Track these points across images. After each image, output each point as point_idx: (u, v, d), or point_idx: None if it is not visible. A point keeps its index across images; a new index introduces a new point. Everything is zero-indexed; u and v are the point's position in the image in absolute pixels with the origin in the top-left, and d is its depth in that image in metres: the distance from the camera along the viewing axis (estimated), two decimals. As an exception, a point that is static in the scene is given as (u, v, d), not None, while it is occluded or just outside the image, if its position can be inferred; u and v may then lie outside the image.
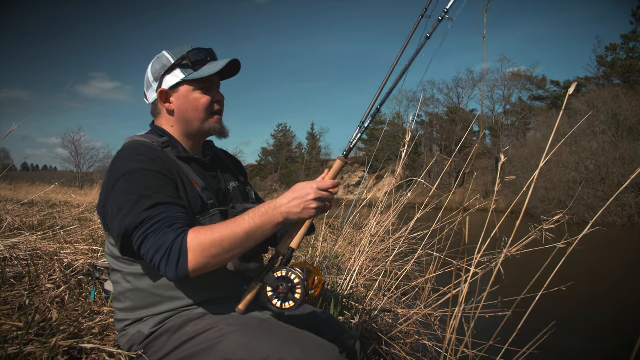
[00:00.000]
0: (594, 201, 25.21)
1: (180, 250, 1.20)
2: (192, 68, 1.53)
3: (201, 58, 1.54)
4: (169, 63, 1.53)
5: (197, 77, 1.52)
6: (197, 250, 1.20)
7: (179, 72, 1.53)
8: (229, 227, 1.26)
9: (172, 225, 1.24)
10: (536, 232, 1.91)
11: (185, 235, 1.22)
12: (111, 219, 1.32)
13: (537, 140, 35.08)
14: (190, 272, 1.21)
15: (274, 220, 1.30)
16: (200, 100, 1.55)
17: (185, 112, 1.55)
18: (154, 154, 1.43)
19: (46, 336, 1.60)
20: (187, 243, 1.20)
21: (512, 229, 1.98)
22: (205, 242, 1.21)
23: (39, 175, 27.93)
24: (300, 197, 1.31)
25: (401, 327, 2.71)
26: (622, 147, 26.93)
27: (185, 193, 1.42)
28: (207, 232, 1.24)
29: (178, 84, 1.53)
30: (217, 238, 1.23)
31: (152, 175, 1.35)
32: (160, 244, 1.21)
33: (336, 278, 3.32)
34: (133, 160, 1.38)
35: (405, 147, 3.52)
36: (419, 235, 3.66)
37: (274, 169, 69.77)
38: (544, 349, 1.97)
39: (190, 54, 1.53)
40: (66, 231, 3.73)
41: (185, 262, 1.19)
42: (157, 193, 1.30)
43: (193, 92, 1.54)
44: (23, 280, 2.28)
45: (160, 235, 1.22)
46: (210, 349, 1.31)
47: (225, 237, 1.23)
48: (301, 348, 1.28)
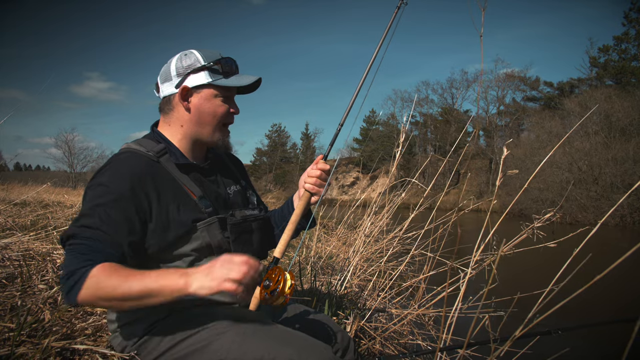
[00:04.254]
0: (586, 201, 25.42)
1: (76, 282, 1.18)
2: (223, 74, 1.54)
3: (232, 69, 1.57)
4: (198, 63, 1.51)
5: (226, 84, 1.53)
6: (90, 289, 1.17)
7: (207, 74, 1.52)
8: (128, 280, 1.19)
9: (85, 254, 1.22)
10: (527, 230, 1.92)
11: (88, 271, 1.19)
12: None
13: (531, 141, 35.28)
14: (78, 303, 1.20)
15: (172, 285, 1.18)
16: (220, 108, 1.55)
17: (201, 114, 1.54)
18: (139, 169, 1.40)
19: (38, 337, 1.60)
20: (86, 278, 1.18)
21: (505, 229, 1.99)
22: (100, 285, 1.17)
23: (32, 175, 27.74)
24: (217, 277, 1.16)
25: (395, 327, 2.72)
26: (614, 147, 27.16)
27: (166, 215, 1.39)
28: (107, 277, 1.18)
29: (203, 85, 1.52)
30: (111, 287, 1.17)
31: (114, 196, 1.32)
32: (67, 264, 1.21)
33: (330, 278, 3.33)
34: (107, 174, 1.37)
35: (399, 147, 3.52)
36: (413, 235, 3.66)
37: (268, 169, 69.73)
38: (539, 349, 1.99)
39: (223, 61, 1.54)
40: (59, 231, 3.70)
41: (75, 295, 1.18)
42: (101, 216, 1.28)
43: (215, 97, 1.54)
44: (15, 281, 2.26)
45: (71, 257, 1.22)
46: (204, 348, 1.31)
47: (118, 288, 1.17)
48: (295, 348, 1.29)
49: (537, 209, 2.00)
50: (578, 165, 27.50)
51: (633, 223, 23.28)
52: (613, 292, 5.49)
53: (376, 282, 3.34)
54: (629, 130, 28.61)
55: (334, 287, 3.12)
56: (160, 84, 1.56)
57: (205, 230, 1.44)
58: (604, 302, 5.61)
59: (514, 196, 1.92)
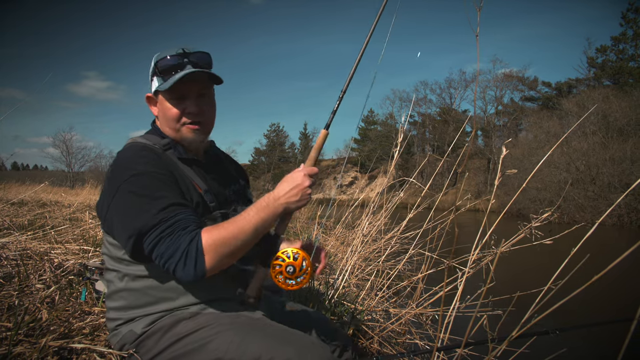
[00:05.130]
0: (584, 201, 25.46)
1: (196, 253, 1.23)
2: (162, 77, 1.50)
3: (168, 67, 1.48)
4: (151, 69, 1.53)
5: (162, 88, 1.49)
6: (211, 251, 1.24)
7: (156, 80, 1.52)
8: (237, 224, 1.29)
9: (186, 227, 1.26)
10: (525, 230, 1.92)
11: (200, 238, 1.24)
12: (117, 220, 1.32)
13: (529, 141, 35.33)
14: (208, 272, 1.25)
15: (276, 212, 1.37)
16: (170, 111, 1.51)
17: (162, 119, 1.55)
18: (156, 155, 1.42)
19: (36, 336, 1.59)
20: (202, 245, 1.23)
21: (502, 229, 1.99)
22: (218, 241, 1.25)
23: (30, 174, 27.61)
24: (296, 186, 1.39)
25: (393, 327, 2.72)
26: (611, 147, 27.21)
27: (189, 194, 1.42)
28: (219, 231, 1.27)
29: (156, 92, 1.53)
30: (228, 236, 1.26)
31: (160, 178, 1.34)
32: (175, 247, 1.23)
33: (328, 277, 3.32)
34: (138, 162, 1.37)
35: (397, 147, 3.53)
36: (411, 234, 3.66)
37: (267, 169, 69.64)
38: (537, 348, 1.99)
39: (160, 62, 1.49)
40: (57, 231, 3.70)
41: (203, 263, 1.23)
42: (169, 194, 1.31)
43: (165, 101, 1.51)
44: (12, 280, 2.25)
45: (175, 239, 1.24)
46: (202, 347, 1.31)
47: (236, 234, 1.27)
48: (293, 347, 1.28)
49: (535, 209, 2.00)
50: (576, 165, 27.54)
51: (630, 223, 23.32)
52: (611, 292, 5.48)
53: (374, 281, 3.34)
54: (626, 130, 28.67)
55: (332, 286, 3.12)
56: None
57: (210, 224, 1.44)
58: (601, 302, 5.61)
59: (512, 196, 1.92)
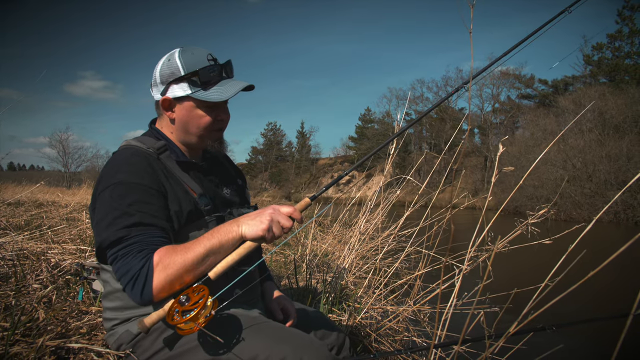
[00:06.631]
0: (581, 198, 25.57)
1: (146, 276, 1.21)
2: (202, 87, 1.47)
3: (212, 79, 1.47)
4: (178, 73, 1.46)
5: (204, 99, 1.46)
6: (161, 274, 1.22)
7: (187, 86, 1.46)
8: (190, 249, 1.25)
9: (141, 250, 1.25)
10: (522, 227, 1.93)
11: (151, 262, 1.22)
12: (94, 226, 1.35)
13: (526, 138, 35.44)
14: (155, 297, 1.22)
15: (229, 234, 1.28)
16: (203, 119, 1.49)
17: (186, 125, 1.51)
18: (146, 162, 1.40)
19: (33, 336, 1.59)
20: (153, 269, 1.22)
21: (499, 226, 2.00)
22: (168, 265, 1.22)
23: (26, 174, 27.57)
24: (264, 214, 1.29)
25: (390, 324, 2.73)
26: (608, 145, 27.35)
27: (178, 202, 1.41)
28: (170, 255, 1.23)
29: (183, 97, 1.48)
30: (179, 261, 1.23)
31: (140, 190, 1.33)
32: (127, 269, 1.23)
33: (326, 276, 3.33)
34: (123, 170, 1.36)
35: (394, 145, 3.53)
36: (408, 232, 3.67)
37: (264, 168, 69.63)
38: (534, 345, 2.00)
39: (202, 72, 1.45)
40: (53, 231, 3.68)
41: (150, 288, 1.21)
42: (139, 211, 1.30)
43: (196, 108, 1.49)
44: (9, 280, 2.25)
45: (128, 260, 1.24)
46: (198, 347, 1.31)
47: (187, 260, 1.23)
48: (290, 346, 1.28)
49: (532, 206, 2.00)
50: (572, 163, 27.66)
51: (627, 220, 23.46)
52: (607, 288, 5.52)
53: (371, 279, 3.35)
54: (622, 127, 28.81)
55: (329, 284, 3.12)
56: (151, 87, 1.55)
57: (204, 228, 1.44)
58: (598, 298, 5.65)
59: (508, 193, 1.92)
